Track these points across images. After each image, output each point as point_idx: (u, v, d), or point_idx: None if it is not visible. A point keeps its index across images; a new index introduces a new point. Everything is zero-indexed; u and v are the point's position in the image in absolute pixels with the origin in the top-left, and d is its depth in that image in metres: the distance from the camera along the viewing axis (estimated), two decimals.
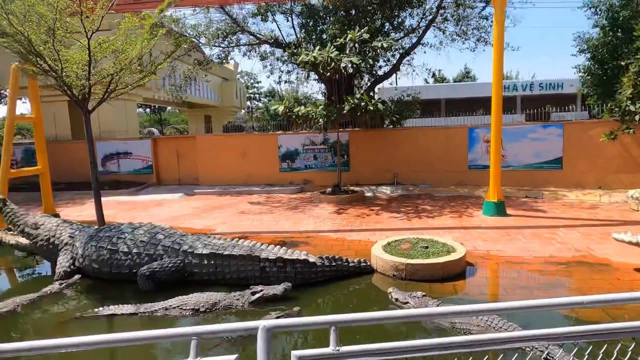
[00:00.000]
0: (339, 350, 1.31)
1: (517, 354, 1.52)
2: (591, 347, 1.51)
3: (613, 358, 1.48)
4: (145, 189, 15.70)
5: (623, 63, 10.18)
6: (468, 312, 1.42)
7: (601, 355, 1.46)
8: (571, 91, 21.69)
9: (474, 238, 8.21)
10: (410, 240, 7.22)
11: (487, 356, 1.41)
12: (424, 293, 5.28)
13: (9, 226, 9.01)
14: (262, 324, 1.31)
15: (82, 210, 12.66)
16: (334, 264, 6.31)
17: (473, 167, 13.35)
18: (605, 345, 1.51)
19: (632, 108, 9.40)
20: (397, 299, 5.34)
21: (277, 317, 4.98)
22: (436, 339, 1.35)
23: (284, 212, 11.45)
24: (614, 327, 1.45)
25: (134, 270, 6.30)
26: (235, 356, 1.30)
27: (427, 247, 6.73)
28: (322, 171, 14.81)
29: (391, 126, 14.50)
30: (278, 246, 6.51)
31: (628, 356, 1.52)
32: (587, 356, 1.50)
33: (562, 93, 22.51)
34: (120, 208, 12.82)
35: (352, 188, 13.46)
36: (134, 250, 6.41)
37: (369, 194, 13.38)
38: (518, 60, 76.97)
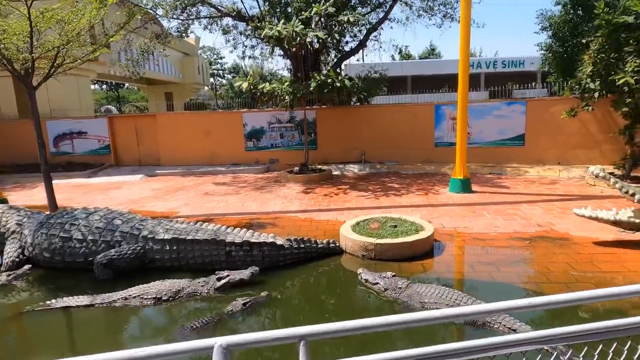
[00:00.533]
0: None
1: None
2: (586, 347, 1.42)
3: (609, 358, 1.40)
4: (103, 171, 14.93)
5: (584, 41, 10.34)
6: (445, 316, 1.28)
7: (596, 356, 1.38)
8: (532, 69, 22.16)
9: (441, 215, 8.27)
10: (379, 219, 7.16)
11: None
12: (393, 273, 5.23)
13: None
14: (217, 341, 1.11)
15: (32, 195, 11.88)
16: (302, 245, 6.16)
17: (439, 145, 13.45)
18: (601, 345, 1.43)
19: (591, 85, 9.62)
20: (367, 280, 5.27)
21: (244, 303, 4.81)
22: (421, 348, 1.21)
23: (250, 192, 11.16)
24: (616, 324, 1.35)
25: (90, 259, 5.93)
26: None
27: (395, 226, 6.69)
28: (289, 150, 14.52)
29: (358, 103, 14.32)
30: (244, 229, 6.28)
31: (624, 356, 1.44)
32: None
33: (523, 71, 22.96)
34: (76, 192, 12.13)
35: (319, 167, 13.29)
36: (89, 237, 6.01)
37: (336, 173, 13.27)
38: (482, 37, 78.26)
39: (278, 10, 14.99)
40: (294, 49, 11.27)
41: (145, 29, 14.94)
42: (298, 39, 10.77)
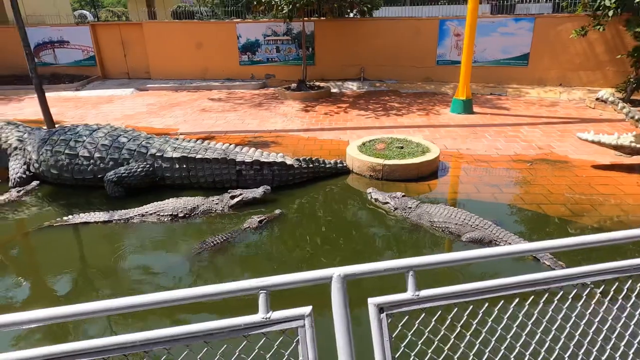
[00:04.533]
0: (418, 295, 1.23)
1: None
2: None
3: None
4: (91, 83, 14.30)
5: None
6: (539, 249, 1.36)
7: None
8: None
9: (443, 136, 8.33)
10: (385, 140, 7.19)
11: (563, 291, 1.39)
12: (403, 193, 5.41)
13: None
14: (335, 272, 1.17)
15: (21, 109, 11.46)
16: (311, 165, 6.23)
17: (441, 63, 13.06)
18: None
19: (607, 2, 9.19)
20: (376, 199, 5.45)
21: (260, 220, 4.98)
22: (519, 276, 1.30)
23: (248, 109, 10.94)
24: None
25: (99, 176, 5.94)
26: (309, 308, 1.18)
27: (402, 147, 6.76)
28: (285, 65, 13.96)
29: (359, 16, 13.54)
30: (253, 148, 6.27)
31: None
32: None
33: None
34: (66, 105, 11.71)
35: (317, 84, 12.93)
36: (96, 155, 5.96)
37: (334, 90, 12.97)
38: None
39: None
40: None
41: None
42: None
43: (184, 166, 5.95)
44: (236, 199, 5.42)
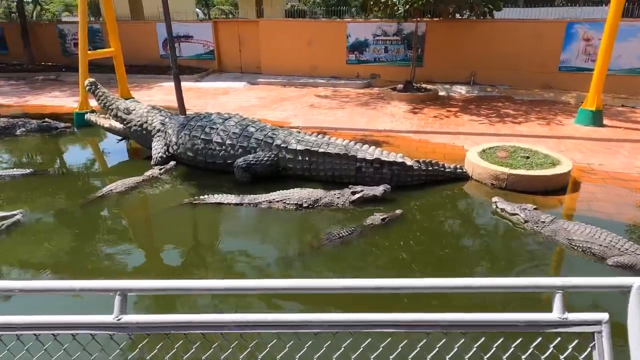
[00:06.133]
0: None
1: None
2: None
3: None
4: (209, 76, 15.48)
5: None
6: None
7: None
8: None
9: (570, 149, 7.68)
10: (507, 148, 6.82)
11: None
12: (534, 206, 5.08)
13: (94, 108, 9.27)
14: (635, 282, 1.14)
15: (151, 95, 12.74)
16: (430, 168, 6.12)
17: (564, 69, 12.03)
18: None
19: None
20: (503, 209, 5.19)
21: (383, 219, 5.00)
22: None
23: (355, 108, 11.05)
24: None
25: (229, 161, 6.39)
26: (606, 315, 1.16)
27: (527, 157, 6.35)
28: (391, 65, 13.85)
29: (474, 17, 12.97)
30: (373, 146, 6.32)
31: None
32: None
33: None
34: (189, 95, 12.70)
35: (424, 85, 12.65)
36: (228, 142, 6.42)
37: (442, 93, 12.58)
38: None
39: None
40: None
41: None
42: None
43: (306, 158, 6.18)
44: (357, 195, 5.51)
